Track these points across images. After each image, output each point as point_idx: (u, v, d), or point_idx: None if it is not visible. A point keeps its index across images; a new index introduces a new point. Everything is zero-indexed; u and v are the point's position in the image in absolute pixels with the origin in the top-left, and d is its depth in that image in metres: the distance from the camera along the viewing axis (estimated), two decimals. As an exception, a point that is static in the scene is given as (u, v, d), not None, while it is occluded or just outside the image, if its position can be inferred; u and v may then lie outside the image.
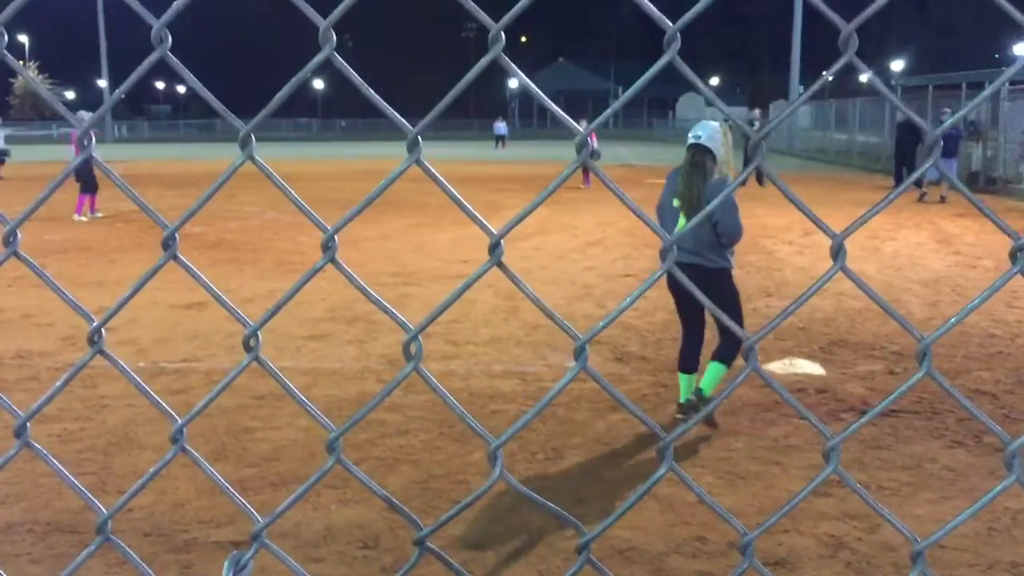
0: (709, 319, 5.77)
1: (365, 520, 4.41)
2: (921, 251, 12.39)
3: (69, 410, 5.85)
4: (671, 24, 0.97)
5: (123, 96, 1.02)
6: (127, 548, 1.25)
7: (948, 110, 19.60)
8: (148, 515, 4.41)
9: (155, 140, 63.05)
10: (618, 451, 5.32)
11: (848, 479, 1.17)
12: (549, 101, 1.09)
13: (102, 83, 55.38)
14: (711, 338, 5.82)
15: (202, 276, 1.13)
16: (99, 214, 16.38)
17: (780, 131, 41.84)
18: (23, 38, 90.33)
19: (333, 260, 1.09)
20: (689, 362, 5.75)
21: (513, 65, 1.03)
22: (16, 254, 1.11)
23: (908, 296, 9.37)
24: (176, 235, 1.10)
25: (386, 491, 4.26)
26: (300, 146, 51.37)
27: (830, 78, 1.11)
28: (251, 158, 1.06)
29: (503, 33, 0.99)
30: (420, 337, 1.11)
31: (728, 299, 5.50)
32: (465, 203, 1.05)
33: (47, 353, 7.29)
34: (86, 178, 15.85)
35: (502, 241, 1.07)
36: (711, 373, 5.57)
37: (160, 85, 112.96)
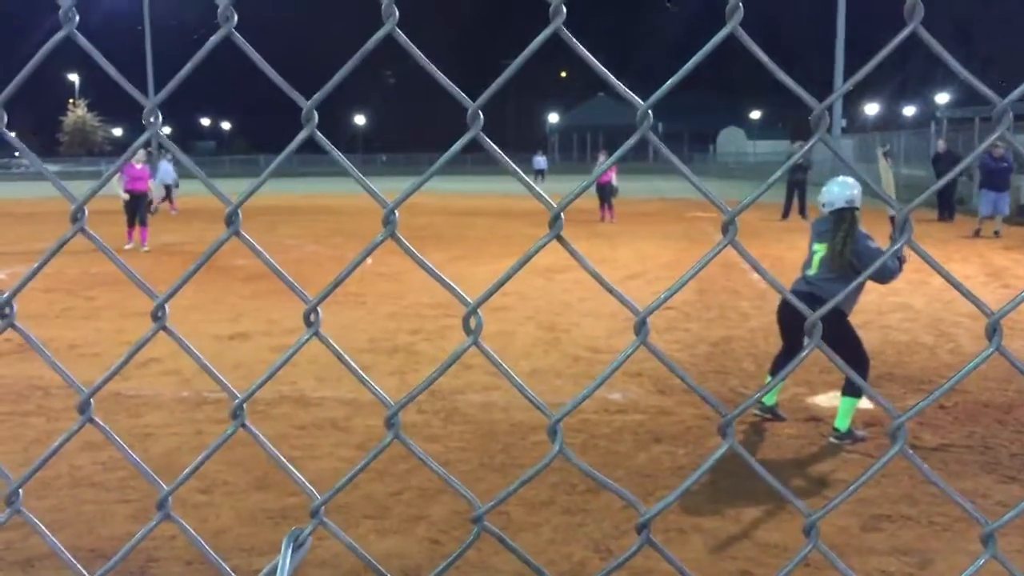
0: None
1: (405, 551, 4.38)
2: (970, 284, 12.12)
3: (113, 438, 5.90)
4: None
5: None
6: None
7: (1000, 144, 19.23)
8: (189, 543, 4.41)
9: (200, 175, 63.74)
10: (660, 483, 5.25)
11: (913, 458, 1.13)
12: (609, 74, 1.09)
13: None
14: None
15: (263, 252, 1.13)
16: (146, 247, 16.67)
17: (823, 164, 41.56)
18: (73, 77, 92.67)
19: (393, 235, 1.10)
20: (777, 368, 6.29)
21: (573, 39, 1.04)
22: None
23: (957, 330, 9.19)
24: (239, 212, 1.11)
25: (427, 523, 4.18)
26: (341, 181, 51.88)
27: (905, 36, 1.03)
28: (314, 133, 1.08)
29: (563, 6, 0.99)
30: (479, 312, 1.10)
31: (842, 329, 5.80)
32: (519, 173, 1.05)
33: (92, 383, 7.36)
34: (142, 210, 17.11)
35: (562, 215, 1.08)
36: (843, 408, 5.97)
37: (205, 122, 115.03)
